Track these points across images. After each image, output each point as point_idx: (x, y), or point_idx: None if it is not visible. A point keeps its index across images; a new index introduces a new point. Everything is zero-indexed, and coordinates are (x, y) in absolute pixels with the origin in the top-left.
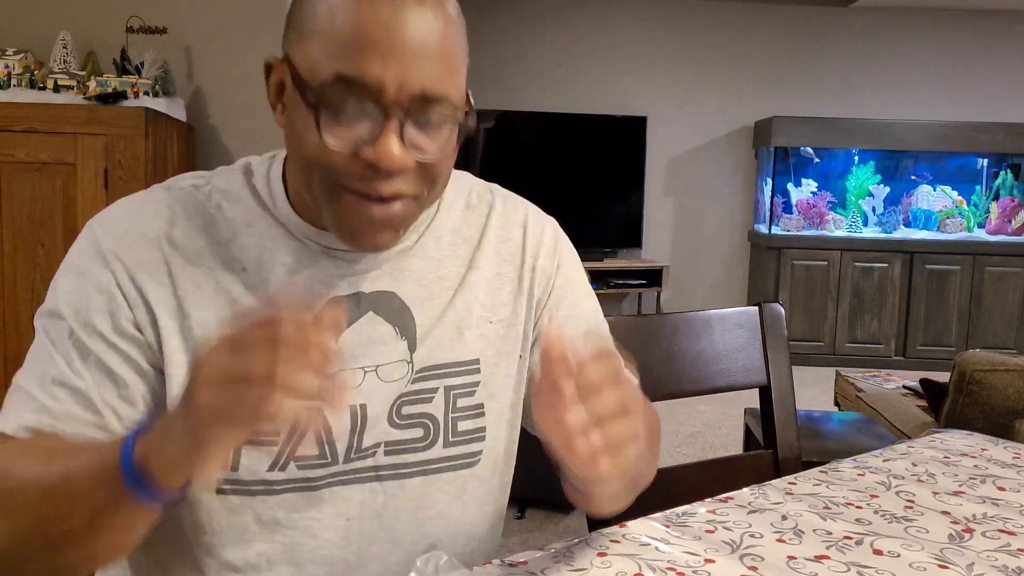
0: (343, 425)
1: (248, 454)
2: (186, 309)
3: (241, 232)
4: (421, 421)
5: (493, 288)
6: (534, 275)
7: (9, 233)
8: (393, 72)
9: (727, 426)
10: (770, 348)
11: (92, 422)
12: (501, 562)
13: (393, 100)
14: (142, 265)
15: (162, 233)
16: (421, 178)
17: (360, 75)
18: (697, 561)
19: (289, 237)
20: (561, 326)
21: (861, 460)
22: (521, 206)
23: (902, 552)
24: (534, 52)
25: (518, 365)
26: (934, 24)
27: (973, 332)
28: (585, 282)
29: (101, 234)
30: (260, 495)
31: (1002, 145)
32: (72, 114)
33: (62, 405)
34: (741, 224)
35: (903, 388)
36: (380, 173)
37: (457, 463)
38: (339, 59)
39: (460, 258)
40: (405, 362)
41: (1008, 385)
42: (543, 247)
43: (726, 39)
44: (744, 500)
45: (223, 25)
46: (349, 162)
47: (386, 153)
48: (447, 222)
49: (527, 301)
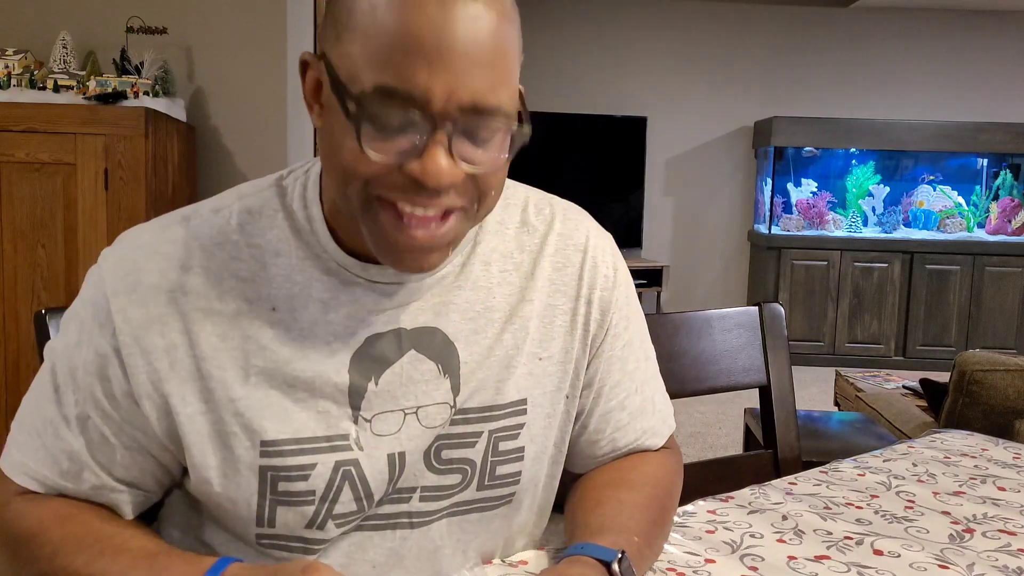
0: (381, 476)
1: (283, 513)
2: (206, 369)
3: (269, 264)
4: (460, 467)
5: (545, 322)
6: (590, 309)
7: (9, 234)
8: (442, 81)
9: (727, 426)
10: (770, 348)
11: (93, 484)
12: (501, 561)
13: (441, 111)
14: (152, 325)
15: (177, 283)
16: (471, 191)
17: (406, 86)
18: (697, 561)
19: (322, 269)
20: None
21: (861, 460)
22: (583, 226)
23: (902, 552)
24: (535, 53)
25: (565, 404)
26: (934, 24)
27: (973, 332)
28: (637, 310)
29: (111, 284)
30: (297, 552)
31: (1002, 145)
32: (72, 114)
33: (60, 463)
34: (741, 224)
35: (903, 388)
36: (426, 190)
37: (487, 505)
38: (382, 66)
39: (511, 286)
40: (448, 405)
41: (1008, 385)
42: (601, 277)
43: (726, 39)
44: (744, 500)
45: (224, 25)
46: (392, 174)
47: (434, 168)
48: (498, 245)
49: (581, 337)
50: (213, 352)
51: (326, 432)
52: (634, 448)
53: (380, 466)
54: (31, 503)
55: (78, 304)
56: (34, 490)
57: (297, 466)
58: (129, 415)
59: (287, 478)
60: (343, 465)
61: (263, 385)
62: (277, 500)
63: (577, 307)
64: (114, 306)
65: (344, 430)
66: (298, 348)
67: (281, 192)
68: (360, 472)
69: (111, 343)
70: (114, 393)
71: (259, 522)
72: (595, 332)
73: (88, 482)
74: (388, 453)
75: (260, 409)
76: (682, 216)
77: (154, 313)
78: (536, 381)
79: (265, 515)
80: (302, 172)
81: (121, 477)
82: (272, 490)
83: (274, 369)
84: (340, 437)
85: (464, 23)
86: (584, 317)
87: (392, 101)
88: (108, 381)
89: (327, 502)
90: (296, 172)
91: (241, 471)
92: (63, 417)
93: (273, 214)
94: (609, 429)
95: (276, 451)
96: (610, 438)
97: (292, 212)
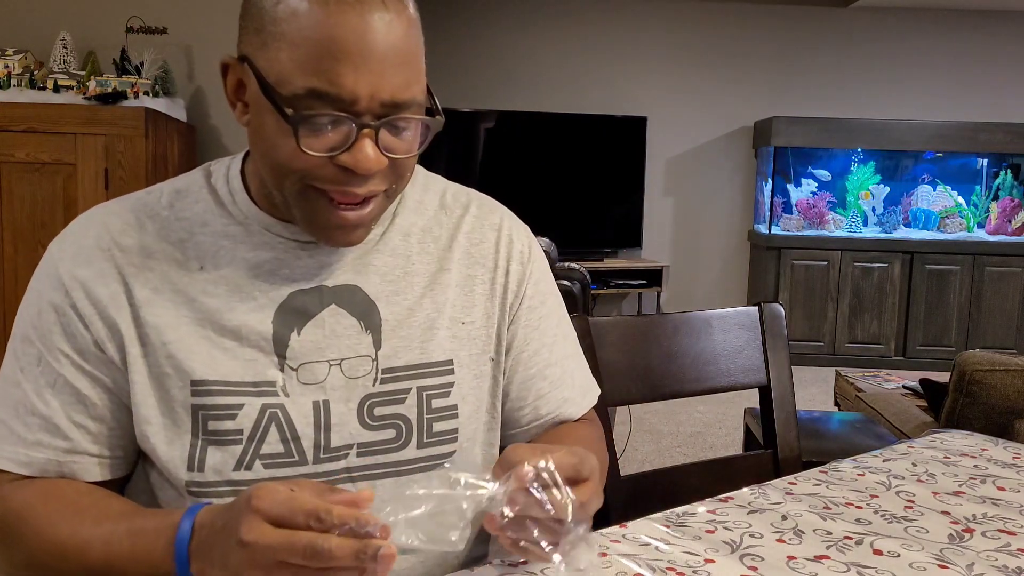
0: (306, 419)
1: (213, 454)
2: (142, 316)
3: (196, 231)
4: (393, 422)
5: (465, 290)
6: (507, 279)
7: (9, 234)
8: (365, 82)
9: (727, 426)
10: (770, 348)
11: (63, 448)
12: (501, 562)
13: (367, 108)
14: (96, 279)
15: (112, 242)
16: (390, 176)
17: (335, 89)
18: (697, 561)
19: (248, 233)
20: (535, 465)
21: (861, 460)
22: (497, 211)
23: (902, 552)
24: (534, 52)
25: (491, 368)
26: (934, 24)
27: (973, 332)
28: (555, 291)
29: (57, 255)
30: (227, 496)
31: (1002, 145)
32: (72, 114)
33: (35, 435)
34: (741, 224)
35: (903, 388)
36: (356, 177)
37: (430, 464)
38: (311, 72)
39: (429, 256)
40: (369, 359)
41: (1008, 385)
42: (516, 252)
43: (726, 39)
44: (744, 500)
45: (223, 25)
46: (324, 166)
47: (364, 158)
48: (418, 220)
49: (500, 303)
50: (147, 303)
51: (253, 378)
52: (556, 416)
53: (305, 411)
54: (17, 488)
55: (33, 284)
56: (17, 472)
57: (225, 405)
58: (98, 363)
59: (216, 416)
60: (269, 408)
61: (194, 333)
62: (208, 440)
63: (496, 276)
64: (62, 270)
65: (271, 377)
66: (224, 301)
67: (207, 175)
68: (287, 416)
69: (66, 300)
70: (80, 347)
71: (190, 465)
72: (511, 300)
73: (65, 444)
74: (313, 400)
75: (190, 352)
76: (682, 216)
77: (95, 268)
78: (460, 344)
79: (196, 455)
80: (227, 160)
81: (96, 433)
82: (203, 429)
83: (203, 318)
84: (267, 384)
85: (381, 30)
86: (503, 286)
87: (323, 103)
88: (73, 337)
89: (254, 441)
90: (222, 160)
91: (176, 410)
92: (35, 390)
93: (198, 191)
94: (531, 397)
95: (206, 390)
96: (532, 406)
97: (215, 189)
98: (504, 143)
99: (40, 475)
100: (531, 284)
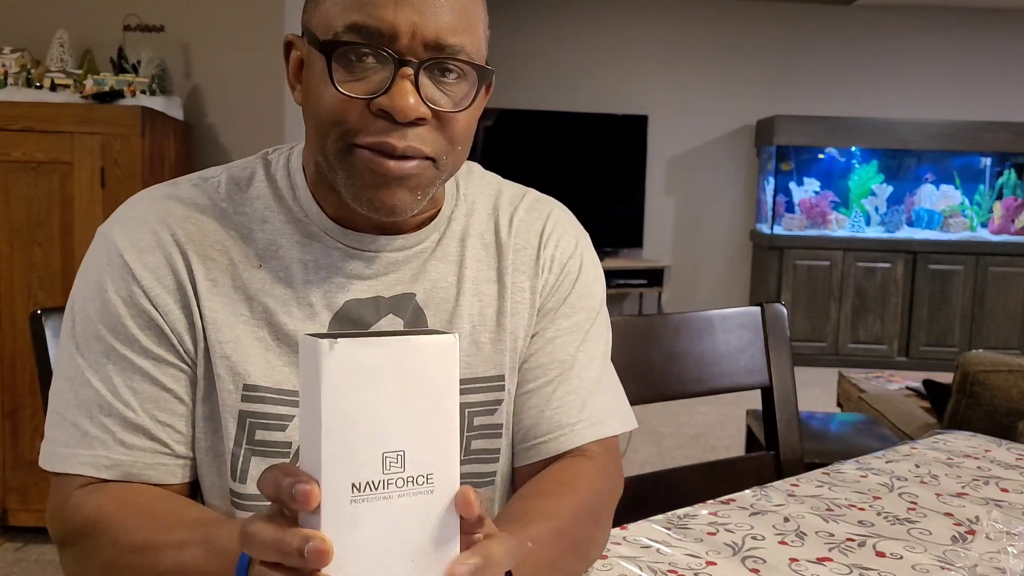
0: None
1: (257, 465)
2: (204, 310)
3: (255, 230)
4: None
5: (510, 300)
6: (543, 287)
7: (6, 233)
8: (406, 16)
9: (729, 427)
10: (772, 349)
11: (149, 448)
12: None
13: (407, 46)
14: (166, 267)
15: (176, 229)
16: (438, 137)
17: (373, 21)
18: (699, 563)
19: (304, 233)
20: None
21: (864, 461)
22: (546, 215)
23: (905, 554)
24: (535, 51)
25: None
26: (937, 22)
27: (976, 333)
28: (590, 308)
29: (119, 243)
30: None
31: (1005, 144)
32: (69, 113)
33: (117, 436)
34: (743, 224)
35: (906, 389)
36: (395, 124)
37: (468, 482)
38: (352, 9)
39: (480, 263)
40: None
41: (1012, 386)
42: (555, 260)
43: (728, 37)
44: (746, 502)
45: (221, 23)
46: (363, 116)
47: (401, 100)
48: (475, 224)
49: (534, 313)
50: (207, 294)
51: None
52: (549, 440)
53: None
54: (89, 494)
55: (90, 276)
56: (96, 476)
57: (276, 415)
58: (177, 356)
59: (265, 426)
60: None
61: (249, 334)
62: (252, 450)
63: (535, 284)
64: (129, 258)
65: None
66: (282, 303)
67: (266, 164)
68: None
69: (138, 290)
70: (158, 339)
71: (233, 474)
72: (538, 307)
73: (151, 445)
74: None
75: (245, 355)
76: (683, 215)
77: (163, 255)
78: (507, 359)
79: (239, 465)
80: (287, 148)
81: (184, 432)
82: (249, 438)
83: (260, 319)
84: None
85: None
86: (540, 295)
87: (361, 37)
88: (148, 329)
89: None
90: (281, 149)
91: (224, 416)
92: (109, 389)
93: (258, 183)
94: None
95: (257, 396)
96: (522, 427)
97: (275, 181)
98: (504, 141)
99: (123, 479)
100: (557, 294)
